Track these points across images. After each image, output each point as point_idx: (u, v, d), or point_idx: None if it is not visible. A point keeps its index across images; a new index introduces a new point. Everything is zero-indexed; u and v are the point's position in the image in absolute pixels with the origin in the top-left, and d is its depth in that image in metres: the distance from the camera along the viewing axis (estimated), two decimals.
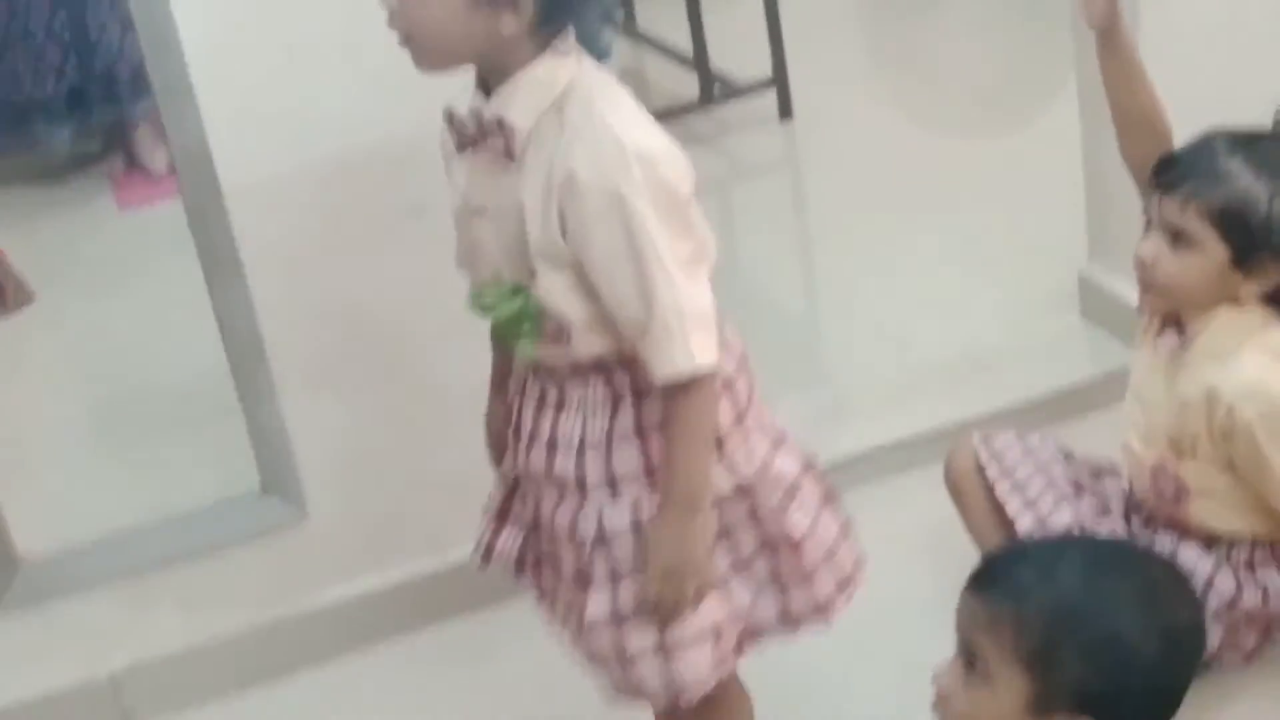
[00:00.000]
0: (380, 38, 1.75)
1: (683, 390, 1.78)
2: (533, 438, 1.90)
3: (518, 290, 1.80)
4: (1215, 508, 2.25)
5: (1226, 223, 2.09)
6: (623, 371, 1.84)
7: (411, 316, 2.47)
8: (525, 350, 1.85)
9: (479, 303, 1.85)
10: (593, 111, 1.75)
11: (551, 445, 1.88)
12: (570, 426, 1.86)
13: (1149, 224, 2.18)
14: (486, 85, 1.78)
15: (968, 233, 3.51)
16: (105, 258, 3.44)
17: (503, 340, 1.91)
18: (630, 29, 4.72)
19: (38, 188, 3.96)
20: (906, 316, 3.27)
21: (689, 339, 1.75)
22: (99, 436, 2.99)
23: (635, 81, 4.56)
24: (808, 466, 1.96)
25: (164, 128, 2.32)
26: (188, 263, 2.42)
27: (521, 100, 1.75)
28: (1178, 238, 2.12)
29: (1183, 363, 2.20)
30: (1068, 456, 2.44)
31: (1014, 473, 2.38)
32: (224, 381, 2.46)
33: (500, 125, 1.76)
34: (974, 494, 2.41)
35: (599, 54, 1.83)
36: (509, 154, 1.76)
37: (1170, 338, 2.21)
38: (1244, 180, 2.09)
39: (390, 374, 2.51)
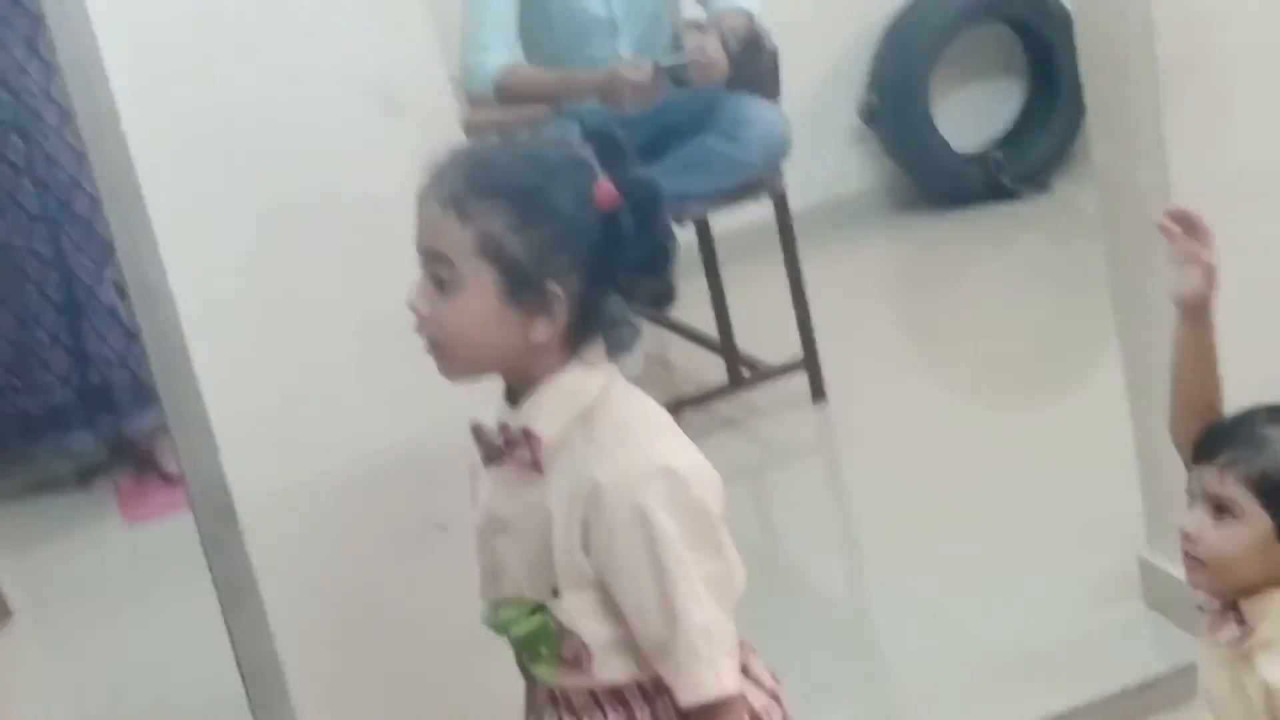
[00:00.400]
0: (396, 350, 1.71)
1: (711, 714, 1.71)
2: None
3: (537, 609, 1.73)
4: None
5: (1267, 491, 2.00)
6: (643, 705, 1.76)
7: (439, 636, 2.33)
8: (544, 674, 1.77)
9: (495, 620, 1.78)
10: (622, 424, 1.71)
11: None
12: None
13: (1192, 498, 2.08)
14: (513, 395, 1.74)
15: (1016, 513, 3.37)
16: (110, 576, 3.34)
17: (520, 662, 1.82)
18: (655, 315, 4.65)
19: (41, 501, 3.90)
20: (957, 607, 3.12)
21: (716, 663, 1.69)
22: None
23: (662, 368, 4.49)
24: None
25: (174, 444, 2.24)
26: (199, 579, 2.32)
27: (549, 410, 1.71)
28: (1220, 509, 2.02)
29: (1243, 654, 2.06)
30: None
31: None
32: (241, 711, 2.32)
33: (527, 436, 1.71)
34: None
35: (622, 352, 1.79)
36: (535, 465, 1.71)
37: (1229, 628, 2.08)
38: None
39: (419, 702, 2.37)
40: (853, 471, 3.95)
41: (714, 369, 4.21)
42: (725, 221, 4.19)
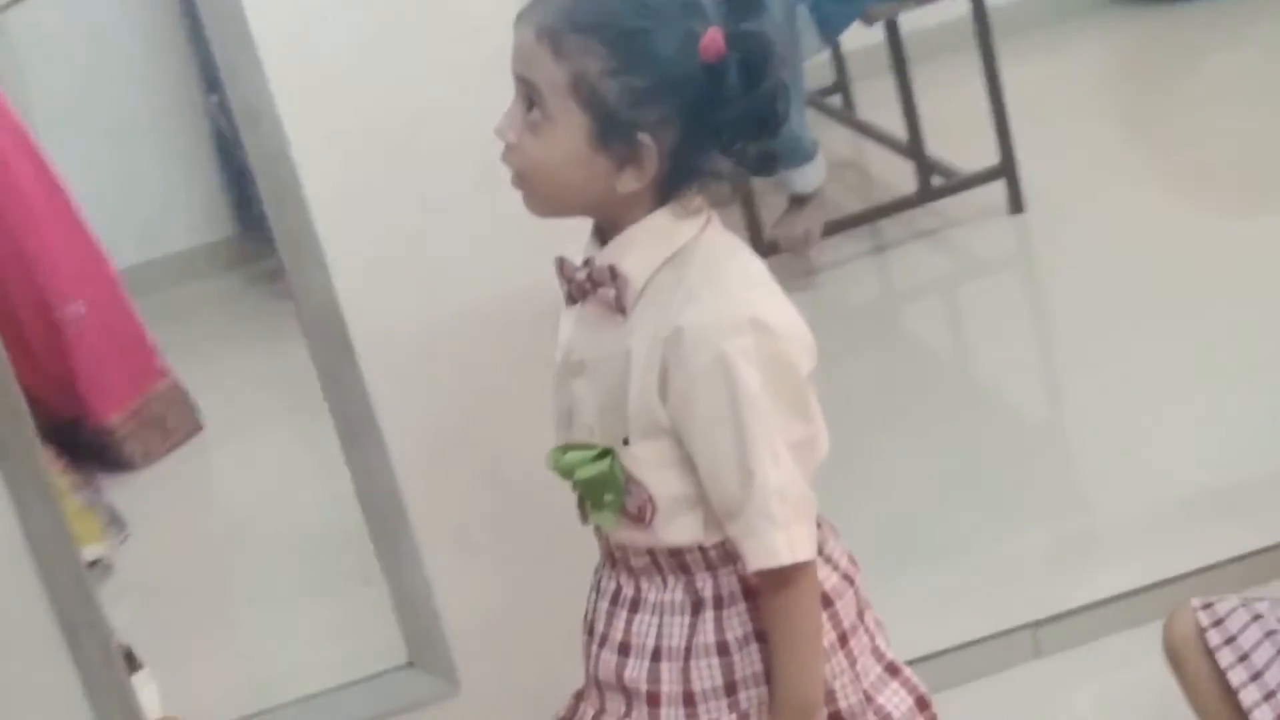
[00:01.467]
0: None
1: (781, 582, 1.62)
2: (604, 640, 1.75)
3: (604, 453, 1.65)
4: None
5: None
6: (706, 574, 1.68)
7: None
8: (605, 522, 1.69)
9: (560, 462, 1.70)
10: (713, 271, 1.61)
11: (623, 650, 1.72)
12: (645, 631, 1.71)
13: None
14: (603, 234, 1.66)
15: (1232, 337, 3.18)
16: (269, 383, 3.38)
17: (583, 508, 1.75)
18: (848, 117, 4.48)
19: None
20: (1156, 436, 2.97)
21: (790, 527, 1.59)
22: (237, 606, 2.89)
23: (855, 174, 4.34)
24: (922, 705, 1.75)
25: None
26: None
27: (638, 251, 1.62)
28: None
29: None
30: None
31: (1239, 640, 2.09)
32: (367, 546, 2.31)
33: (613, 274, 1.62)
34: (1196, 664, 2.13)
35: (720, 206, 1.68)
36: (619, 306, 1.62)
37: None
38: None
39: (541, 534, 2.32)
40: (1052, 288, 3.77)
41: (909, 177, 4.04)
42: (917, 19, 3.97)
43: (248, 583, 2.94)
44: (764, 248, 3.78)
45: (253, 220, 3.67)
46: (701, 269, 1.61)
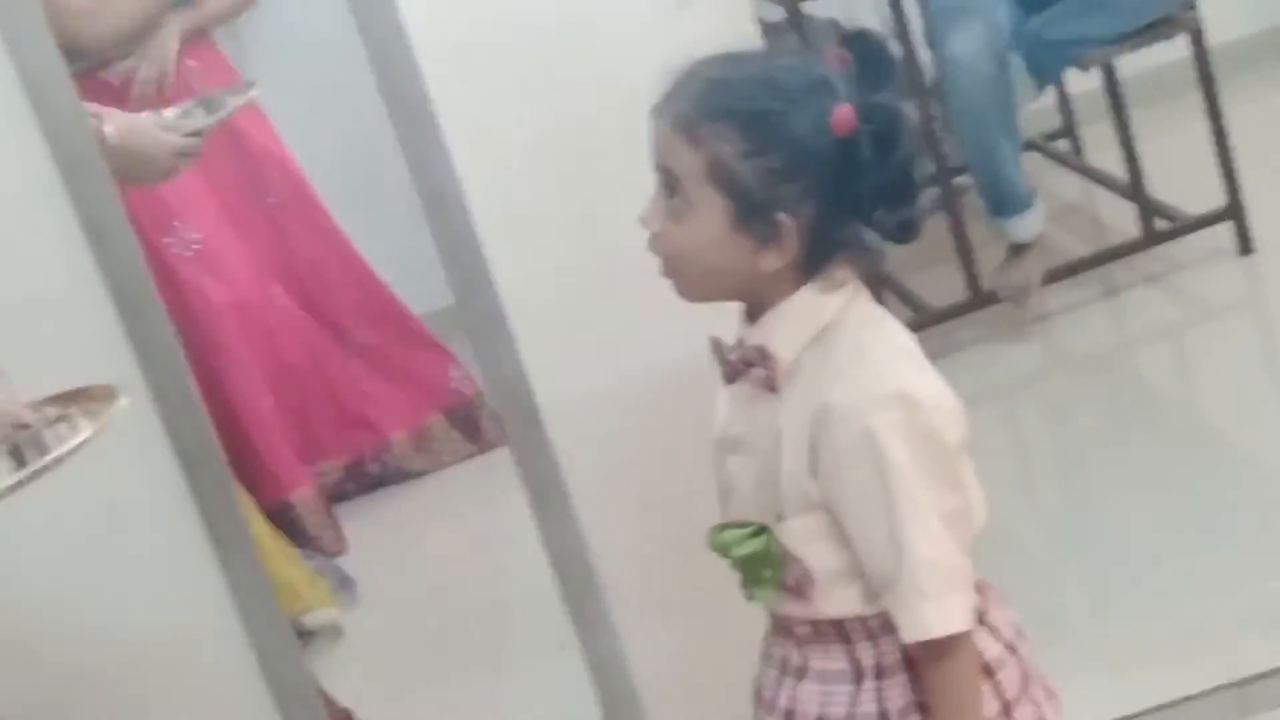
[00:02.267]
0: None
1: (937, 654, 1.62)
2: (771, 705, 1.76)
3: (760, 530, 1.68)
4: None
5: None
6: (867, 643, 1.69)
7: None
8: (767, 599, 1.72)
9: (718, 541, 1.73)
10: (859, 346, 1.63)
11: (789, 717, 1.73)
12: (809, 700, 1.72)
13: None
14: (752, 314, 1.70)
15: None
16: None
17: (744, 585, 1.77)
18: (1075, 162, 4.41)
19: None
20: None
21: (943, 599, 1.60)
22: (434, 669, 2.95)
23: (1084, 219, 4.26)
24: None
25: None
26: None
27: (785, 330, 1.65)
28: None
29: None
30: None
31: None
32: (558, 609, 2.36)
33: (762, 355, 1.66)
34: None
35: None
36: (771, 385, 1.66)
37: None
38: None
39: (730, 596, 2.32)
40: None
41: (1132, 221, 3.96)
42: (1138, 60, 3.89)
43: (452, 648, 3.00)
44: (984, 298, 3.75)
45: None
46: (848, 345, 1.63)
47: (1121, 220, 4.03)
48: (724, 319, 1.89)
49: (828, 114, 1.59)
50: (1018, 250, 3.77)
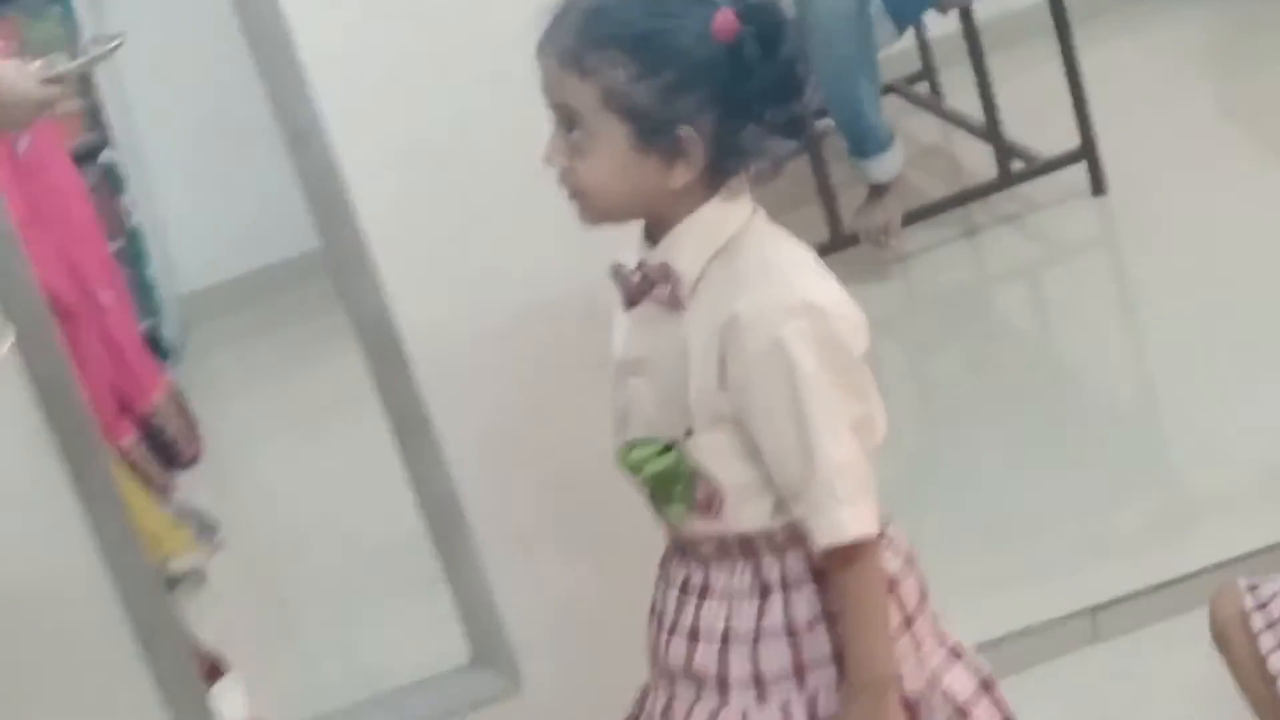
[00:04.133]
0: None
1: (848, 559, 1.65)
2: (673, 628, 1.78)
3: (669, 447, 1.70)
4: None
5: None
6: (772, 558, 1.71)
7: (614, 469, 2.32)
8: (676, 516, 1.74)
9: (627, 460, 1.75)
10: (764, 258, 1.67)
11: (693, 636, 1.75)
12: (714, 617, 1.74)
13: None
14: (653, 235, 1.71)
15: None
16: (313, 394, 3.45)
17: (653, 503, 1.79)
18: (934, 105, 4.47)
19: None
20: (1245, 413, 2.95)
21: (856, 502, 1.63)
22: (298, 609, 2.95)
23: (941, 161, 4.32)
24: (986, 686, 1.77)
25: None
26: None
27: (689, 246, 1.68)
28: None
29: None
30: None
31: None
32: (426, 546, 2.36)
33: (667, 272, 1.68)
34: (1241, 645, 2.12)
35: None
36: (675, 302, 1.68)
37: None
38: None
39: (600, 533, 2.36)
40: (1136, 268, 3.74)
41: (989, 162, 4.02)
42: (995, 4, 3.96)
43: (316, 588, 2.99)
44: (844, 239, 3.79)
45: None
46: (752, 257, 1.67)
47: (979, 162, 4.09)
48: (585, 260, 1.91)
49: (709, 22, 1.62)
50: (877, 191, 3.82)
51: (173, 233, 4.31)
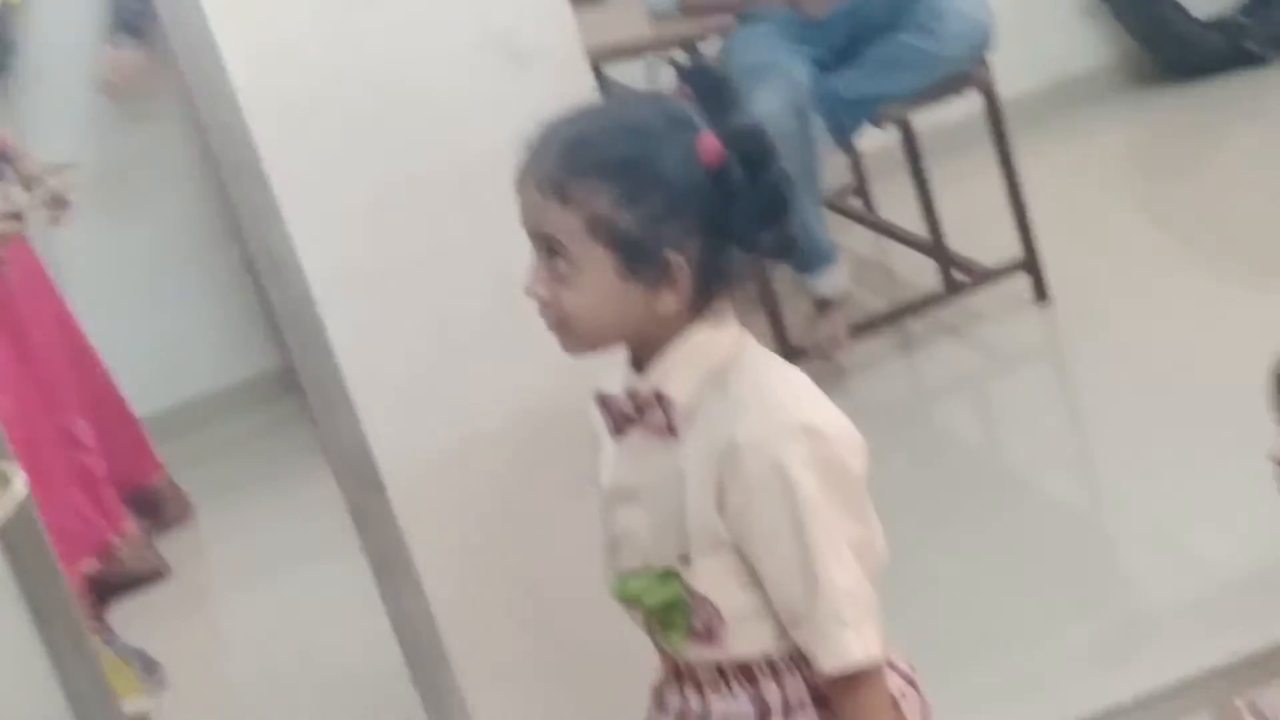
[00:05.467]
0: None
1: (854, 685, 1.63)
2: None
3: (669, 575, 1.67)
4: None
5: None
6: (773, 683, 1.68)
7: (598, 606, 2.25)
8: (676, 645, 1.70)
9: (625, 592, 1.71)
10: (759, 382, 1.65)
11: None
12: None
13: None
14: (639, 362, 1.69)
15: (1266, 417, 3.14)
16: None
17: (651, 633, 1.75)
18: (869, 218, 4.49)
19: None
20: (1194, 525, 2.94)
21: (862, 627, 1.61)
22: None
23: (879, 274, 4.34)
24: None
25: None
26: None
27: (682, 372, 1.65)
28: None
29: None
30: None
31: None
32: (404, 684, 2.30)
33: (659, 399, 1.65)
34: None
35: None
36: (669, 429, 1.65)
37: None
38: None
39: (581, 664, 2.31)
40: (1081, 377, 3.74)
41: (932, 274, 4.04)
42: (931, 116, 3.98)
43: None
44: (791, 351, 3.77)
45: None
46: (747, 381, 1.65)
47: (917, 273, 4.11)
48: (562, 382, 1.86)
49: (694, 147, 1.60)
50: (824, 306, 3.81)
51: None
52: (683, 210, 1.60)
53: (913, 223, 4.14)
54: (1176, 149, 4.70)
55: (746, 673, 1.69)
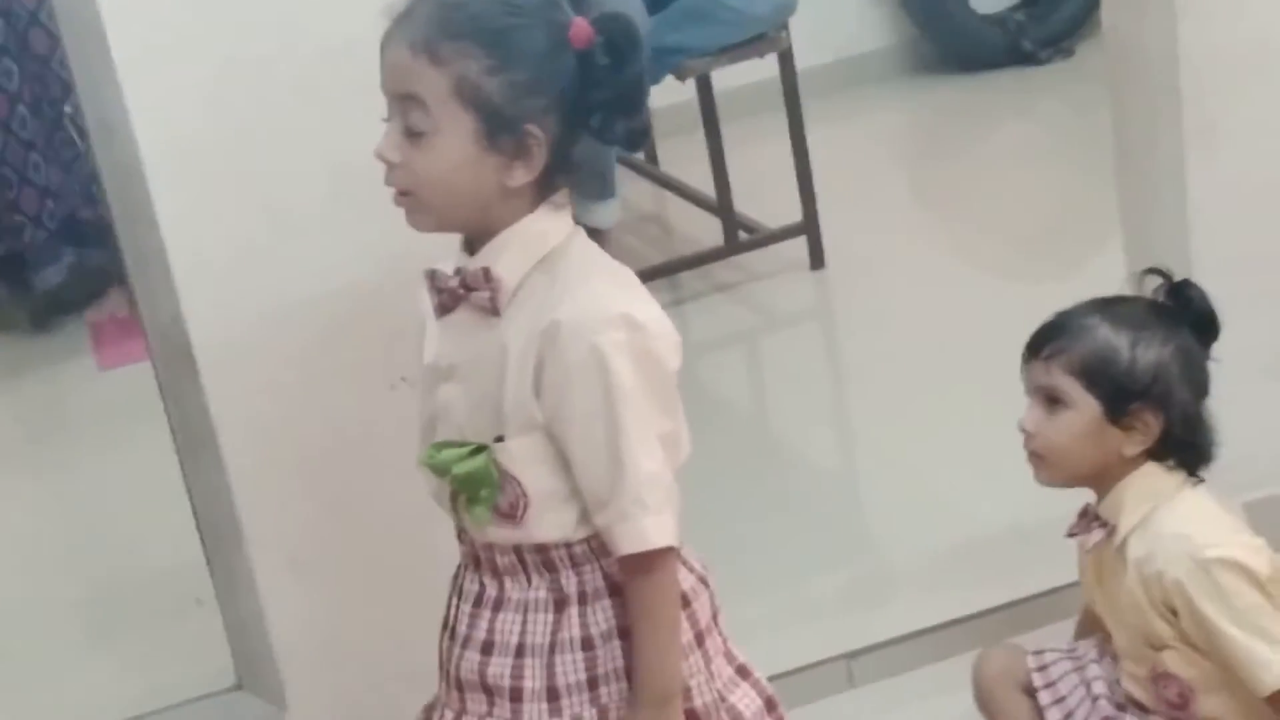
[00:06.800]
0: (364, 198, 1.70)
1: (646, 569, 1.68)
2: (466, 641, 1.77)
3: (479, 449, 1.70)
4: (1227, 701, 2.06)
5: (1090, 374, 2.08)
6: (570, 571, 1.73)
7: (398, 496, 2.28)
8: (478, 519, 1.72)
9: (434, 460, 1.74)
10: (586, 269, 1.70)
11: (487, 648, 1.76)
12: (508, 629, 1.75)
13: (1029, 395, 2.15)
14: (471, 246, 1.72)
15: (1016, 389, 3.30)
16: (82, 420, 3.31)
17: (455, 506, 1.77)
18: (653, 172, 4.56)
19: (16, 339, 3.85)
20: (949, 483, 3.06)
21: (662, 512, 1.66)
22: (65, 628, 2.83)
23: (658, 226, 4.41)
24: (770, 706, 1.84)
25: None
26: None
27: (511, 254, 1.69)
28: (1052, 401, 2.10)
29: (1117, 555, 2.10)
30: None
31: (1066, 699, 2.21)
32: (201, 567, 2.29)
33: (486, 278, 1.68)
34: (1014, 714, 2.24)
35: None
36: (493, 307, 1.68)
37: (1095, 533, 2.13)
38: (1102, 331, 2.09)
39: (375, 557, 2.33)
40: (849, 341, 3.87)
41: (711, 231, 4.12)
42: (729, 77, 4.06)
43: (82, 606, 2.88)
44: None
45: None
46: (575, 268, 1.69)
47: (696, 230, 4.19)
48: (388, 274, 1.88)
49: (566, 27, 1.65)
50: (595, 236, 3.85)
51: None
52: (547, 87, 1.65)
53: (696, 180, 4.22)
54: (951, 134, 4.88)
55: (545, 560, 1.73)
